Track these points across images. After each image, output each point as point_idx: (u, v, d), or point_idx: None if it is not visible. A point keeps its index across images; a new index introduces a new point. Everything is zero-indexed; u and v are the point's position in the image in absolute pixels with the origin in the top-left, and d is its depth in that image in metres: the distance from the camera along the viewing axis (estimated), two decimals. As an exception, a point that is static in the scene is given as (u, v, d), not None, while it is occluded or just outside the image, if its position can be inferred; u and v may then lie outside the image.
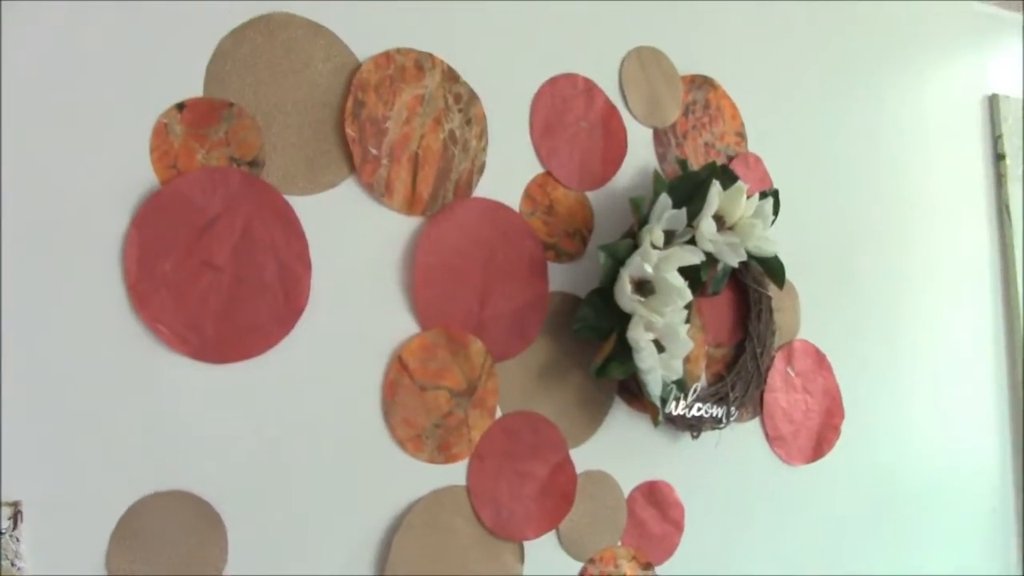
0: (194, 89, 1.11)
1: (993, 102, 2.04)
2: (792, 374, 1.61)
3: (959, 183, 1.95)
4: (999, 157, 2.00)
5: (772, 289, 1.55)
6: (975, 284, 1.94)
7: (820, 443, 1.64)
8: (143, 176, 1.07)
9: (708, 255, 1.38)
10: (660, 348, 1.32)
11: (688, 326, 1.36)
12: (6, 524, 0.97)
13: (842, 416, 1.67)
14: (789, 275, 1.53)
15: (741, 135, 1.58)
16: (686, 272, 1.34)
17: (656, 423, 1.36)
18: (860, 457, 1.70)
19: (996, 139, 2.01)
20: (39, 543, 0.99)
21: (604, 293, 1.32)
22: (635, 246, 1.32)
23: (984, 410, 1.94)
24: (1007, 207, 1.98)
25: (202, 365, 1.09)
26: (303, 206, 1.16)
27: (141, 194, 1.06)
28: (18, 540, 0.98)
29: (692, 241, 1.38)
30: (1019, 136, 2.02)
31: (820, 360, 1.65)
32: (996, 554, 1.95)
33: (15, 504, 0.98)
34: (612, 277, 1.31)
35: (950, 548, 1.85)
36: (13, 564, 0.97)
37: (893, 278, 1.81)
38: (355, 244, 1.20)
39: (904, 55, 1.90)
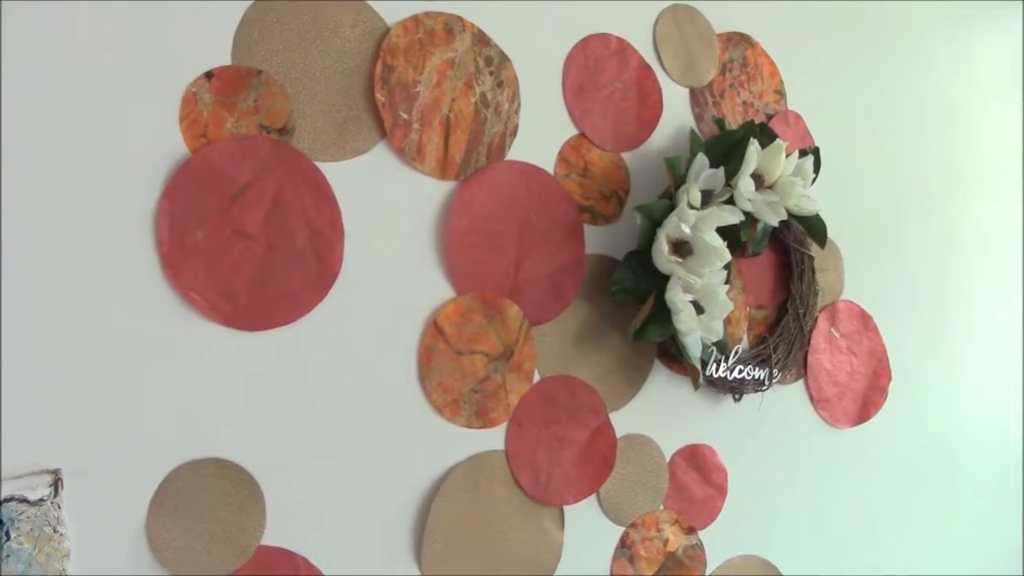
0: (222, 58, 1.10)
1: (1040, 57, 1.98)
2: (837, 335, 1.58)
3: (1005, 138, 1.90)
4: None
5: (814, 249, 1.52)
6: (1019, 246, 1.89)
7: (866, 405, 1.62)
8: (173, 146, 1.07)
9: (747, 215, 1.36)
10: (699, 310, 1.31)
11: (728, 287, 1.34)
12: (47, 491, 0.98)
13: (889, 377, 1.64)
14: (833, 234, 1.51)
15: (780, 93, 1.55)
16: (725, 232, 1.32)
17: (697, 386, 1.34)
18: (907, 421, 1.68)
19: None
20: (79, 510, 0.99)
21: (641, 255, 1.31)
22: (672, 207, 1.30)
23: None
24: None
25: (236, 332, 1.09)
26: (334, 172, 1.16)
27: (171, 164, 1.06)
28: (59, 507, 0.99)
29: (730, 201, 1.36)
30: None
31: (865, 321, 1.62)
32: None
33: (55, 472, 0.98)
34: (649, 239, 1.29)
35: (995, 517, 1.82)
36: (56, 531, 0.98)
37: (939, 238, 1.78)
38: (388, 209, 1.19)
39: (949, 10, 1.85)
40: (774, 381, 1.45)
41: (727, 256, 1.29)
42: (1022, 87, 1.96)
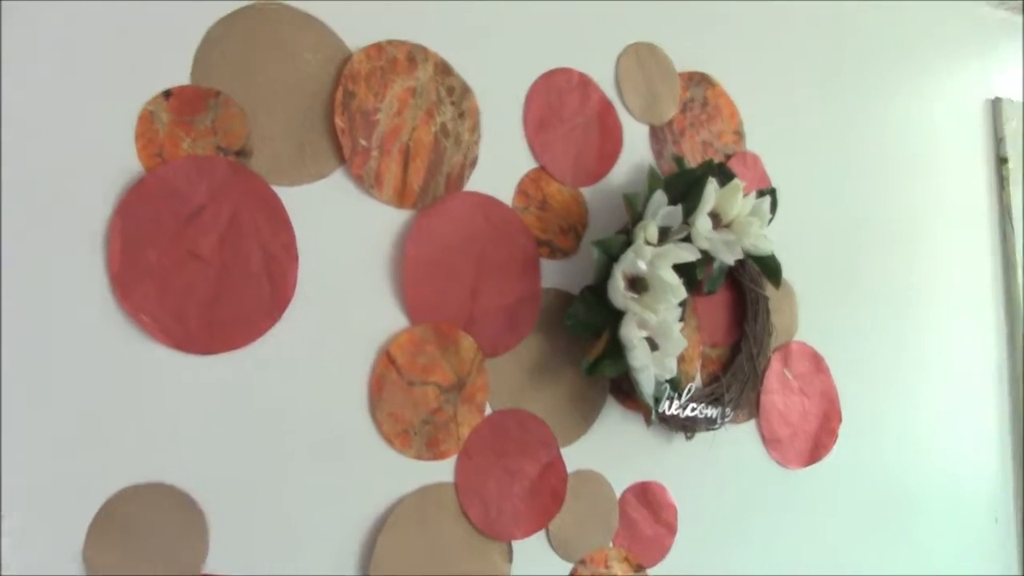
0: (181, 77, 1.09)
1: (996, 105, 2.03)
2: (789, 376, 1.59)
3: (961, 186, 1.95)
4: (1002, 160, 1.98)
5: (769, 289, 1.53)
6: (977, 288, 1.93)
7: (817, 447, 1.63)
8: (128, 164, 1.05)
9: (704, 253, 1.37)
10: (653, 346, 1.31)
11: (682, 324, 1.34)
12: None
13: (839, 419, 1.65)
14: (787, 275, 1.52)
15: (739, 133, 1.56)
16: (681, 270, 1.32)
17: (649, 423, 1.35)
18: (859, 462, 1.69)
19: (999, 142, 1.99)
20: (14, 538, 0.97)
21: (597, 290, 1.31)
22: (629, 242, 1.31)
23: (985, 417, 1.92)
24: (1009, 211, 1.97)
25: (186, 356, 1.08)
26: (291, 196, 1.15)
27: (126, 182, 1.05)
28: (-3, 532, 0.96)
29: (687, 239, 1.36)
30: (1022, 140, 2.00)
31: (818, 362, 1.63)
32: (997, 565, 1.93)
33: (-8, 496, 0.96)
34: (605, 274, 1.29)
35: (950, 556, 1.83)
36: (-9, 559, 0.95)
37: (894, 281, 1.79)
38: (344, 236, 1.19)
39: (906, 56, 1.89)
40: (726, 420, 1.46)
41: (683, 293, 1.30)
42: (982, 131, 2.00)
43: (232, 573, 1.09)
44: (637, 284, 1.30)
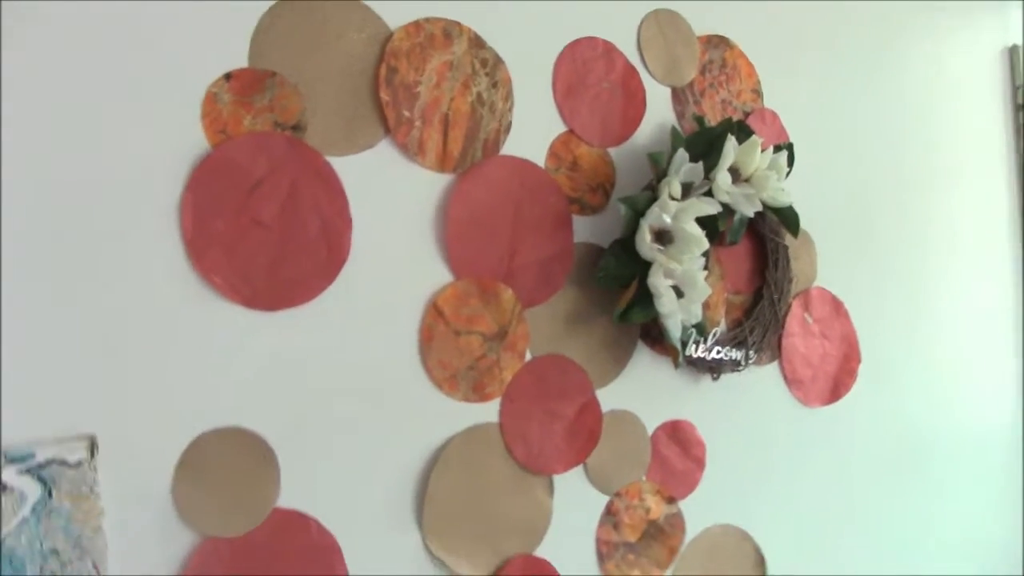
0: (239, 61, 1.20)
1: (1014, 53, 2.07)
2: (810, 320, 1.68)
3: (979, 134, 1.99)
4: (1019, 107, 2.03)
5: (788, 239, 1.62)
6: (994, 235, 1.99)
7: (837, 387, 1.72)
8: (196, 142, 1.16)
9: (725, 206, 1.46)
10: (679, 294, 1.40)
11: (706, 273, 1.44)
12: (84, 455, 1.08)
13: (859, 360, 1.74)
14: (807, 225, 1.61)
15: (757, 92, 1.65)
16: (704, 222, 1.41)
17: (677, 365, 1.45)
18: (877, 402, 1.77)
19: (1017, 89, 2.04)
20: (113, 473, 1.09)
21: (626, 243, 1.41)
22: (654, 198, 1.40)
23: (1002, 360, 1.99)
24: (1024, 156, 2.02)
25: (254, 312, 1.19)
26: (343, 166, 1.25)
27: (194, 159, 1.16)
28: (95, 470, 1.09)
29: (709, 193, 1.45)
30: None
31: (837, 307, 1.72)
32: (1011, 505, 2.00)
33: (91, 437, 1.08)
34: (633, 228, 1.39)
35: (963, 495, 1.91)
36: (92, 491, 1.08)
37: (912, 229, 1.86)
38: (392, 200, 1.29)
39: (922, 5, 1.93)
40: (750, 362, 1.56)
41: (706, 244, 1.39)
42: (1000, 79, 2.04)
43: (301, 508, 1.21)
44: (663, 237, 1.40)
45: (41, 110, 1.05)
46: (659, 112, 1.54)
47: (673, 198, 1.40)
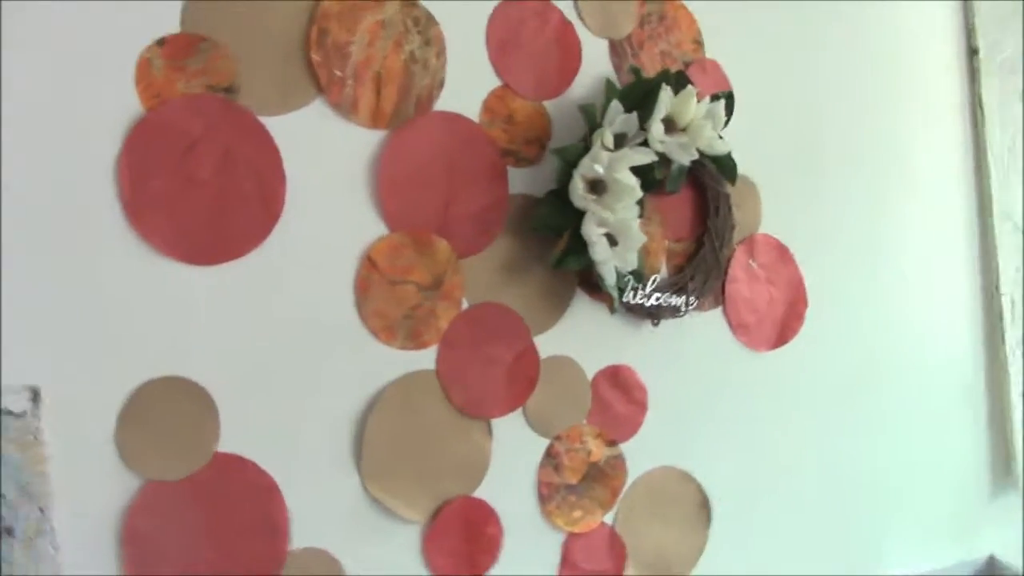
0: (172, 27, 1.25)
1: (965, -8, 2.05)
2: (754, 266, 1.72)
3: (931, 78, 1.99)
4: (973, 51, 2.03)
5: (732, 187, 1.65)
6: (948, 178, 1.99)
7: (784, 331, 1.75)
8: (131, 107, 1.22)
9: (661, 156, 1.50)
10: (613, 242, 1.45)
11: (643, 222, 1.49)
12: (28, 405, 1.15)
13: (805, 304, 1.77)
14: (750, 173, 1.65)
15: (698, 42, 1.67)
16: (641, 172, 1.45)
17: (613, 311, 1.50)
18: (827, 344, 1.79)
19: (969, 32, 2.03)
20: (58, 422, 1.17)
21: (560, 193, 1.45)
22: (587, 149, 1.44)
23: (956, 297, 2.00)
24: (980, 101, 2.02)
25: (192, 267, 1.25)
26: (276, 125, 1.31)
27: (130, 122, 1.22)
28: (39, 419, 1.16)
29: (645, 144, 1.49)
30: (993, 29, 2.04)
31: (782, 252, 1.75)
32: (967, 440, 2.03)
33: (34, 388, 1.15)
34: (566, 178, 1.43)
35: (920, 433, 1.94)
36: (36, 439, 1.15)
37: (861, 174, 1.87)
38: (326, 157, 1.34)
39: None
40: (690, 308, 1.60)
41: (639, 193, 1.43)
42: (952, 21, 2.03)
43: (241, 452, 1.28)
44: (597, 186, 1.44)
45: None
46: (597, 66, 1.57)
47: (607, 148, 1.44)
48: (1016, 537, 2.03)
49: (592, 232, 1.42)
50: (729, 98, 1.58)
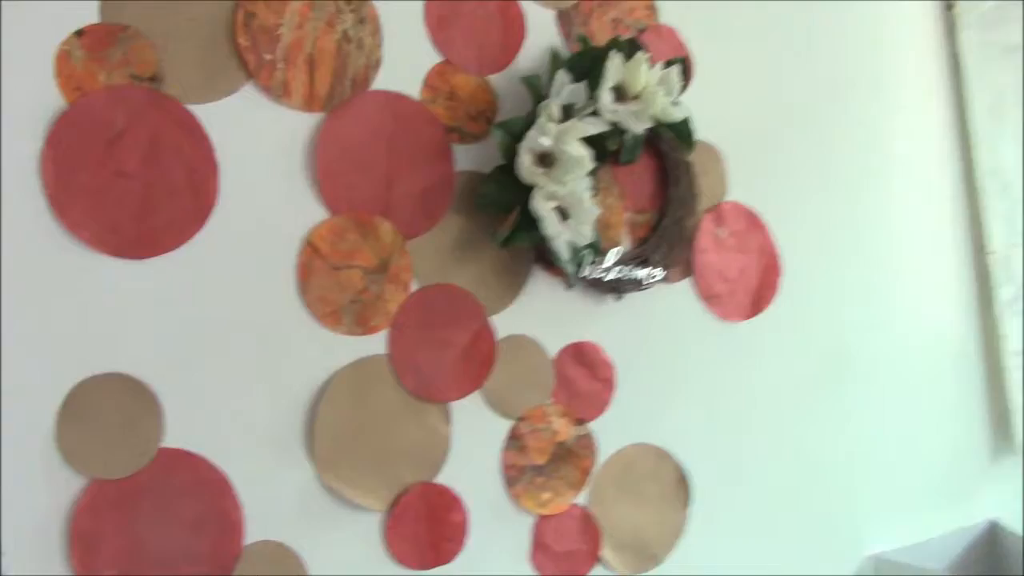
0: (91, 17, 1.22)
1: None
2: (723, 235, 1.67)
3: (906, 34, 1.94)
4: (948, 6, 1.98)
5: (695, 154, 1.60)
6: (927, 139, 1.95)
7: (758, 300, 1.71)
8: (52, 100, 1.20)
9: (614, 125, 1.46)
10: (565, 216, 1.41)
11: (597, 193, 1.45)
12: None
13: (779, 273, 1.73)
14: (713, 138, 1.61)
15: (651, 8, 1.63)
16: (594, 143, 1.41)
17: (568, 286, 1.46)
18: (802, 313, 1.75)
19: (945, -13, 1.99)
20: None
21: (507, 168, 1.41)
22: (533, 122, 1.40)
23: (943, 261, 1.95)
24: (958, 58, 1.97)
25: (123, 261, 1.23)
26: (205, 113, 1.28)
27: (52, 116, 1.19)
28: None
29: (595, 114, 1.45)
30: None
31: (752, 220, 1.71)
32: (948, 415, 1.97)
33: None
34: (512, 153, 1.40)
35: (909, 401, 1.89)
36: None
37: (836, 137, 1.83)
38: (260, 142, 1.31)
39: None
40: (654, 280, 1.55)
41: (589, 165, 1.39)
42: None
43: (187, 447, 1.25)
44: (546, 159, 1.40)
45: None
46: (544, 37, 1.53)
47: (554, 120, 1.40)
48: (1016, 502, 1.97)
49: (541, 207, 1.38)
50: (684, 63, 1.53)
